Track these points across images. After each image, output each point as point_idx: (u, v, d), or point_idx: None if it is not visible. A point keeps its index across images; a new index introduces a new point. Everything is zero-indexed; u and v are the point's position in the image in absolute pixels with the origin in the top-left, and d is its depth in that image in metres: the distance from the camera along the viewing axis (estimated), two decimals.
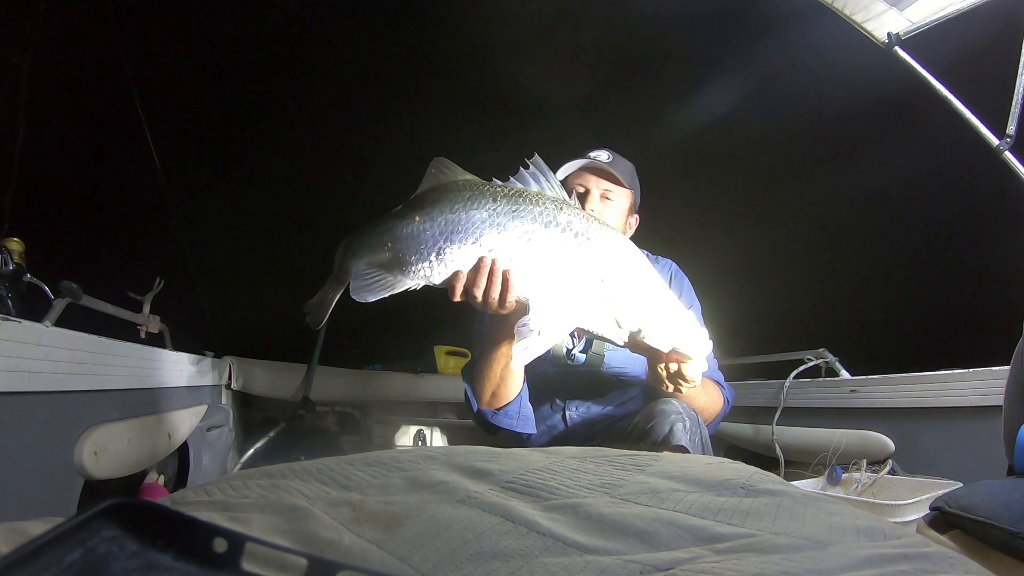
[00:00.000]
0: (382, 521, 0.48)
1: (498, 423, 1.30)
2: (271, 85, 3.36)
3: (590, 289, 1.02)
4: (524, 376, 1.29)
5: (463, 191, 1.03)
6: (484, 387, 1.26)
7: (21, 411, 1.13)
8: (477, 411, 1.31)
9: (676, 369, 1.08)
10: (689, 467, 0.67)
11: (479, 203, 1.02)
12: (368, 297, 1.04)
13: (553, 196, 1.05)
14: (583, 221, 1.04)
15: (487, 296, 1.00)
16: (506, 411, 1.29)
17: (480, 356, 1.27)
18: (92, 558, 0.28)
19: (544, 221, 1.01)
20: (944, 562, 0.44)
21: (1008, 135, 1.72)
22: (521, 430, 1.32)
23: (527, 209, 1.02)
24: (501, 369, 1.23)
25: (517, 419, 1.30)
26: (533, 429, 1.36)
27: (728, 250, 3.25)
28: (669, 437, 1.09)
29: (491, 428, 1.33)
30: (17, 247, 1.45)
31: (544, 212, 1.02)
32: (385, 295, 1.04)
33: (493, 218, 1.01)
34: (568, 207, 1.05)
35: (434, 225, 1.02)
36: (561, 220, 1.02)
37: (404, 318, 2.95)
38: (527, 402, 1.33)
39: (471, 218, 1.01)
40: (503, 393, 1.26)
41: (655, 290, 1.06)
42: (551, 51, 3.27)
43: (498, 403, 1.28)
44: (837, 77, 2.65)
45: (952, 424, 1.68)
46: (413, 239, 1.02)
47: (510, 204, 1.02)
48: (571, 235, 1.02)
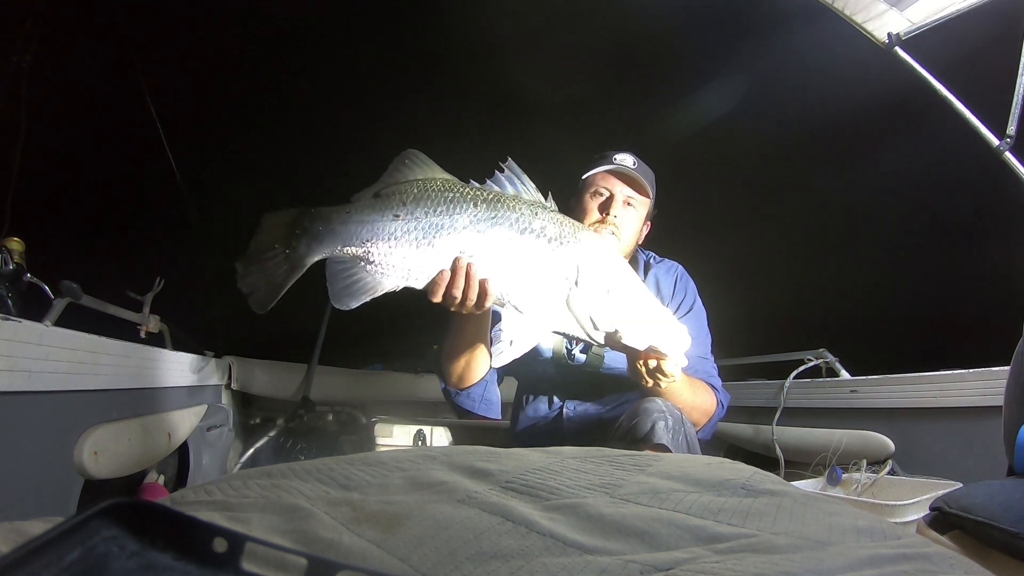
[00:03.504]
0: (382, 521, 0.48)
1: (461, 403, 1.37)
2: (272, 85, 3.36)
3: (564, 293, 1.04)
4: (491, 367, 1.33)
5: (445, 192, 1.03)
6: (451, 368, 1.32)
7: (21, 411, 1.13)
8: (445, 389, 1.38)
9: (655, 365, 1.09)
10: (689, 467, 0.67)
11: (462, 207, 1.02)
12: (351, 303, 1.02)
13: (529, 200, 1.07)
14: (557, 225, 1.05)
15: (465, 300, 1.02)
16: (469, 393, 1.35)
17: (447, 341, 1.31)
18: (92, 558, 0.28)
19: (520, 227, 1.03)
20: (944, 562, 0.44)
21: (1008, 135, 1.72)
22: (483, 413, 1.37)
23: (504, 215, 1.03)
24: (465, 356, 1.28)
25: (479, 402, 1.36)
26: (497, 414, 1.40)
27: (728, 250, 3.25)
28: (650, 435, 1.09)
29: (456, 408, 1.39)
30: (17, 247, 1.45)
31: (520, 218, 1.03)
32: (366, 299, 1.02)
33: (474, 223, 1.02)
34: (543, 211, 1.06)
35: (419, 226, 1.01)
36: (536, 226, 1.03)
37: (404, 318, 2.95)
38: (494, 387, 1.38)
39: (454, 222, 1.01)
40: (467, 376, 1.32)
41: (629, 289, 1.07)
42: (551, 50, 3.27)
43: (463, 384, 1.34)
44: (837, 77, 2.65)
45: (952, 424, 1.68)
46: (396, 239, 1.01)
47: (489, 209, 1.02)
48: (545, 240, 1.03)
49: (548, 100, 3.35)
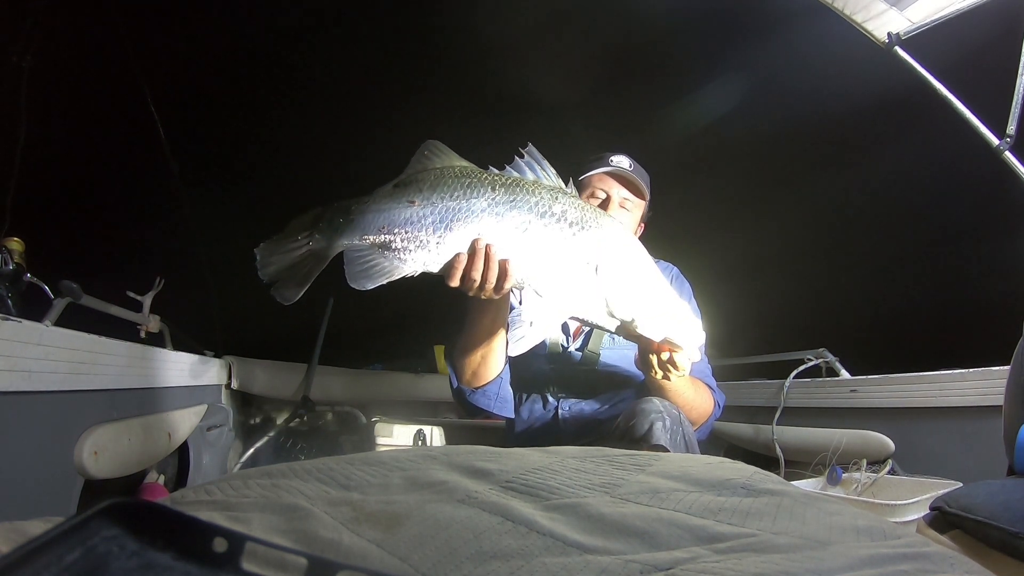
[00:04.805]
0: (382, 521, 0.48)
1: (475, 402, 1.31)
2: (272, 85, 3.36)
3: (583, 278, 1.03)
4: (506, 360, 1.29)
5: (462, 178, 1.03)
6: (465, 365, 1.27)
7: (21, 411, 1.13)
8: (457, 388, 1.32)
9: (668, 357, 1.09)
10: (689, 467, 0.67)
11: (479, 191, 1.02)
12: (367, 284, 1.02)
13: (549, 184, 1.06)
14: (578, 210, 1.04)
15: (484, 283, 1.01)
16: (484, 391, 1.30)
17: (463, 333, 1.27)
18: (92, 558, 0.28)
19: (540, 211, 1.02)
20: (944, 562, 0.44)
21: (1008, 135, 1.72)
22: (499, 412, 1.33)
23: (524, 199, 1.02)
24: (482, 348, 1.23)
25: (495, 400, 1.31)
26: (511, 413, 1.37)
27: (728, 250, 3.25)
28: (648, 435, 1.09)
29: (469, 407, 1.34)
30: (17, 247, 1.45)
31: (540, 202, 1.02)
32: (383, 282, 1.02)
33: (492, 207, 1.01)
34: (564, 195, 1.05)
35: (435, 211, 1.01)
36: (556, 210, 1.03)
37: (404, 318, 2.95)
38: (507, 385, 1.34)
39: (471, 206, 1.01)
40: (483, 372, 1.27)
41: (649, 278, 1.06)
42: (551, 50, 3.27)
43: (478, 382, 1.28)
44: (837, 77, 2.65)
45: (952, 424, 1.68)
46: (412, 224, 1.01)
47: (508, 193, 1.02)
48: (565, 224, 1.03)
49: (548, 100, 3.35)
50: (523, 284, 1.04)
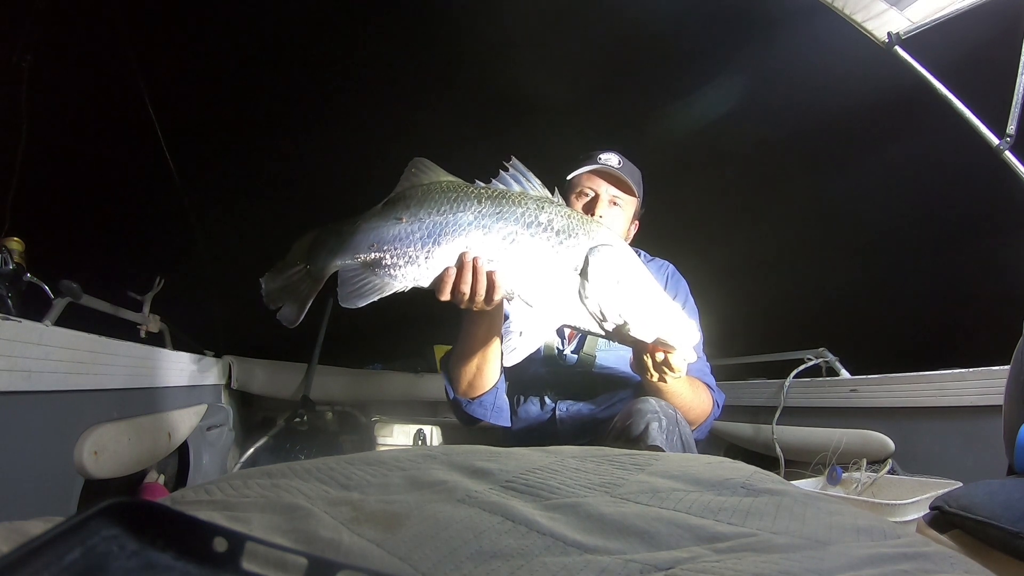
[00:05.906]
0: (382, 520, 0.48)
1: (472, 412, 1.31)
2: (273, 86, 3.36)
3: (572, 286, 1.04)
4: (502, 370, 1.30)
5: (449, 193, 1.05)
6: (461, 376, 1.27)
7: (21, 411, 1.13)
8: (453, 399, 1.32)
9: (662, 359, 1.08)
10: (689, 466, 0.67)
11: (465, 205, 1.03)
12: (359, 303, 1.04)
13: (535, 195, 1.07)
14: (564, 219, 1.05)
15: (473, 296, 1.02)
16: (480, 401, 1.30)
17: (458, 345, 1.27)
18: (92, 557, 0.28)
19: (526, 222, 1.03)
20: (944, 562, 0.44)
21: (1008, 135, 1.72)
22: (495, 421, 1.33)
23: (510, 210, 1.03)
24: (477, 358, 1.24)
25: (491, 410, 1.32)
26: (507, 422, 1.37)
27: (728, 249, 3.25)
28: (644, 436, 1.08)
29: (465, 417, 1.34)
30: (17, 247, 1.45)
31: (526, 213, 1.04)
32: (375, 299, 1.04)
33: (479, 220, 1.02)
34: (550, 205, 1.06)
35: (422, 227, 1.03)
36: (542, 220, 1.04)
37: (404, 318, 2.95)
38: (503, 394, 1.34)
39: (458, 220, 1.02)
40: (479, 383, 1.27)
41: (638, 281, 1.06)
42: (551, 50, 3.27)
43: (474, 392, 1.29)
44: (837, 77, 2.65)
45: (952, 424, 1.68)
46: (401, 241, 1.03)
47: (494, 205, 1.03)
48: (552, 233, 1.04)
49: (549, 100, 3.35)
50: (512, 295, 1.04)
